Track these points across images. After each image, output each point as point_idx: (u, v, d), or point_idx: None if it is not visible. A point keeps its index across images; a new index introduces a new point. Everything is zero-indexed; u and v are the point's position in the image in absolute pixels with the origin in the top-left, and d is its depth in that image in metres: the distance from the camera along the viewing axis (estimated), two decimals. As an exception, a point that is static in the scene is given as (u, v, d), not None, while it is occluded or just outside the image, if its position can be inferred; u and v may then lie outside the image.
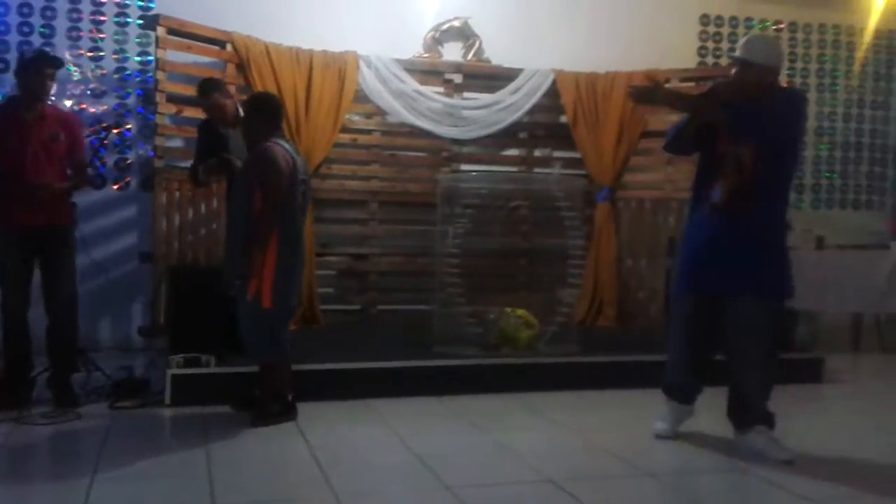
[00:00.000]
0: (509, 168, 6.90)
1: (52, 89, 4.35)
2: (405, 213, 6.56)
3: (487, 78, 6.81)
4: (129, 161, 6.06)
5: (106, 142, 5.21)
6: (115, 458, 3.34)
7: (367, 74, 6.37)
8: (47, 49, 5.53)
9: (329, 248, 6.41)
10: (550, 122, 7.01)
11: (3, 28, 5.86)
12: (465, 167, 6.69)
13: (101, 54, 6.02)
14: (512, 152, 6.99)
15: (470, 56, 6.78)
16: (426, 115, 6.57)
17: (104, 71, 6.02)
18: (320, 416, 4.06)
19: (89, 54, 5.99)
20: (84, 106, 5.93)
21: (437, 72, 6.69)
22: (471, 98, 6.77)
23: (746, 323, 3.54)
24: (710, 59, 7.44)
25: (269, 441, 3.67)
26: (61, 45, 5.89)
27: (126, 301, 5.91)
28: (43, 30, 5.91)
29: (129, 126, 6.05)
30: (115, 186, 6.03)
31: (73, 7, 5.97)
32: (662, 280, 6.45)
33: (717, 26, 7.54)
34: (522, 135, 6.97)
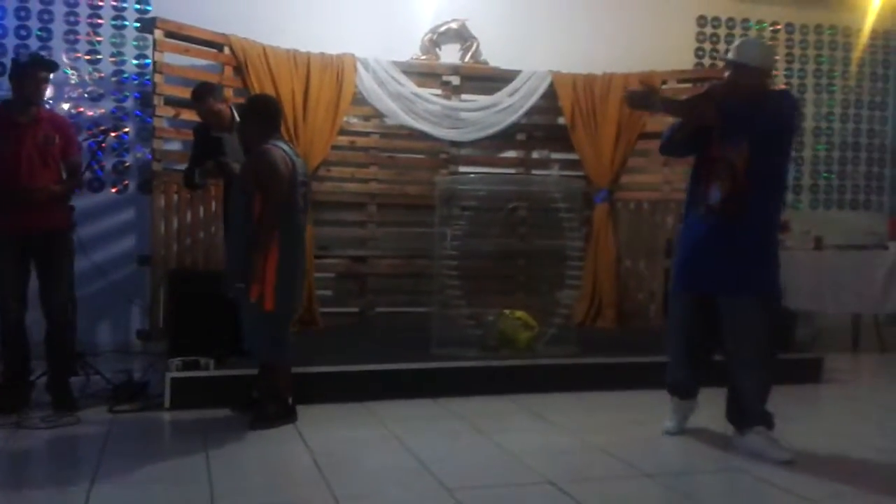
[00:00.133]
0: (507, 170, 6.90)
1: (46, 93, 4.32)
2: (404, 215, 6.56)
3: (485, 80, 6.81)
4: (127, 164, 6.06)
5: (104, 145, 5.20)
6: (114, 462, 3.34)
7: (365, 77, 6.37)
8: (44, 53, 5.55)
9: (328, 251, 6.40)
10: (548, 124, 7.02)
11: (0, 32, 5.86)
12: (463, 169, 6.70)
13: (99, 57, 6.02)
14: (510, 154, 6.99)
15: (467, 58, 6.78)
16: (424, 117, 6.57)
17: (102, 74, 6.02)
18: (320, 418, 4.05)
19: (87, 57, 5.99)
20: (81, 109, 5.92)
21: (434, 74, 6.69)
22: (468, 100, 6.77)
23: (742, 324, 3.57)
24: (707, 61, 7.45)
25: (269, 444, 3.66)
26: (58, 48, 5.89)
27: (124, 304, 5.90)
28: (40, 33, 5.90)
29: (126, 129, 6.04)
30: (114, 189, 6.03)
31: (71, 10, 5.96)
32: (661, 281, 6.47)
33: (714, 27, 7.55)
34: (520, 136, 6.97)
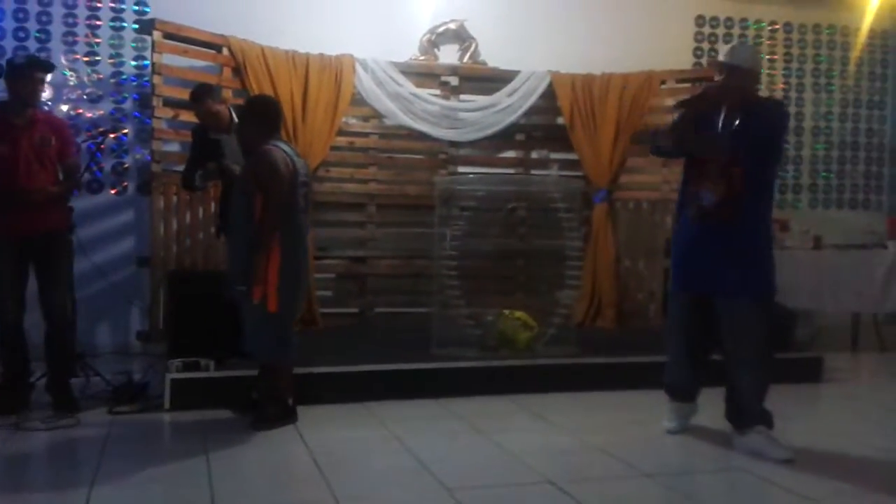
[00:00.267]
0: (507, 170, 6.90)
1: (42, 94, 4.29)
2: (403, 215, 6.56)
3: (484, 80, 6.81)
4: (126, 165, 6.06)
5: (103, 146, 5.19)
6: (114, 463, 3.34)
7: (364, 77, 6.38)
8: (43, 55, 5.55)
9: (327, 251, 6.40)
10: (547, 124, 7.02)
11: (-1, 33, 5.87)
12: (462, 169, 6.70)
13: (98, 59, 6.01)
14: (509, 154, 6.99)
15: (466, 58, 6.78)
16: (423, 117, 6.57)
17: (100, 75, 6.02)
18: (320, 419, 4.05)
19: (85, 59, 5.99)
20: (80, 111, 5.93)
21: (433, 74, 6.69)
22: (467, 100, 6.77)
23: (739, 324, 3.59)
24: (705, 60, 7.44)
25: (269, 445, 3.66)
26: (57, 50, 5.89)
27: (124, 305, 5.89)
28: (38, 34, 5.90)
29: (125, 130, 6.04)
30: (113, 191, 6.03)
31: (69, 12, 5.96)
32: (661, 280, 6.47)
33: (713, 27, 7.56)
34: (519, 137, 6.97)
